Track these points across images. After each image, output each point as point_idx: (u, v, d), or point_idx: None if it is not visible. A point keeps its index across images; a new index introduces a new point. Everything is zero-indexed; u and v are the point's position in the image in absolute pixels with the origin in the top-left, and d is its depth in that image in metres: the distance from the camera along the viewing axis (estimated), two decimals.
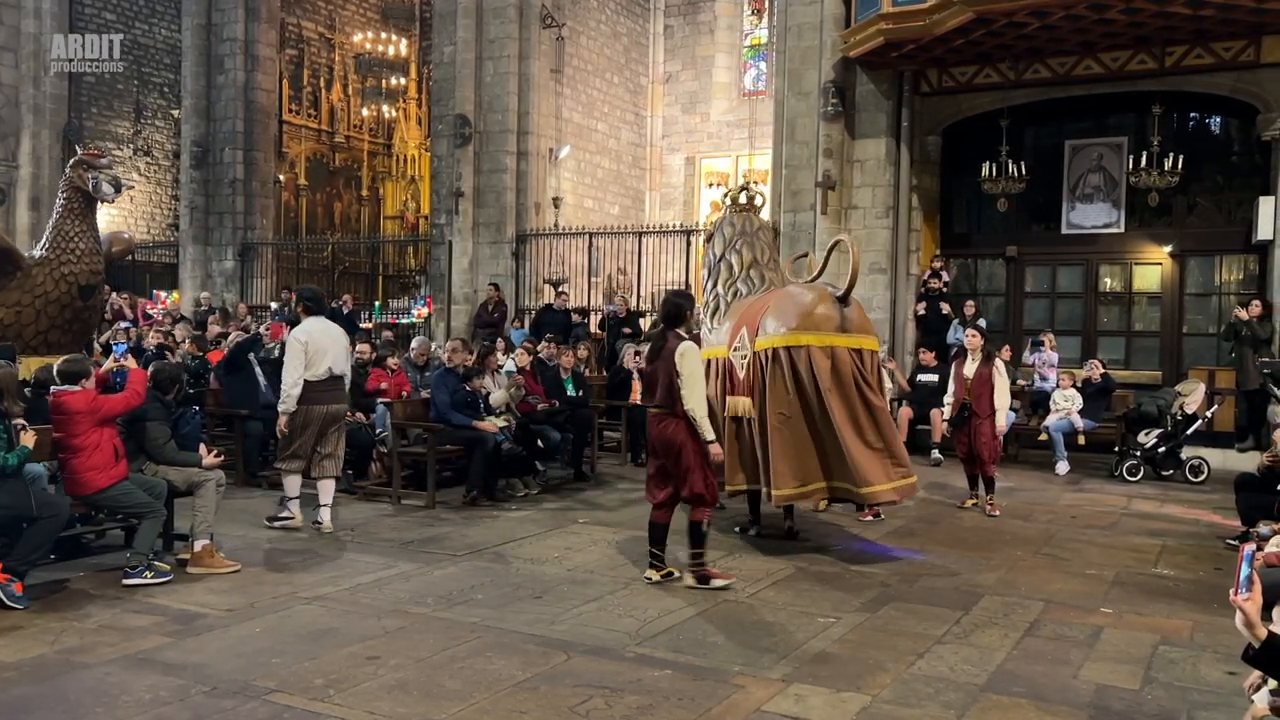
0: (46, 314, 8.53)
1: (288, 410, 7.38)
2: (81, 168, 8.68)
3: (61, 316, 8.60)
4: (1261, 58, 11.40)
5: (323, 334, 7.50)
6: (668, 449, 5.96)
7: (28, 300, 8.47)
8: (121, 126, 21.64)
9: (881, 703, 4.32)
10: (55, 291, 8.52)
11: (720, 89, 22.07)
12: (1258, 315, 10.94)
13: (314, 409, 7.40)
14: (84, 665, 4.61)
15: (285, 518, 7.53)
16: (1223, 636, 5.29)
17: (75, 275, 8.58)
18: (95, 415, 5.94)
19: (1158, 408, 10.56)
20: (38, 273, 8.52)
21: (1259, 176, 12.17)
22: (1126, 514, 8.75)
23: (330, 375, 7.47)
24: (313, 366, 7.35)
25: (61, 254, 8.56)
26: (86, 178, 8.61)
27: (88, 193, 8.65)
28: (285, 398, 7.38)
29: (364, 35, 22.53)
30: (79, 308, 8.70)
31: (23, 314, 8.48)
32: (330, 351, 7.46)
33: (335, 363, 7.50)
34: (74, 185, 8.67)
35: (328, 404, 7.48)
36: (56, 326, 8.59)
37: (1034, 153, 13.26)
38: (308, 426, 7.43)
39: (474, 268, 16.85)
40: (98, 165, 8.72)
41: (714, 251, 8.09)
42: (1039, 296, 13.79)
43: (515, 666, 4.64)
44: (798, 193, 13.53)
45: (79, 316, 8.78)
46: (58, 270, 8.53)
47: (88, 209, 8.73)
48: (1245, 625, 2.84)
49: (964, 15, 11.06)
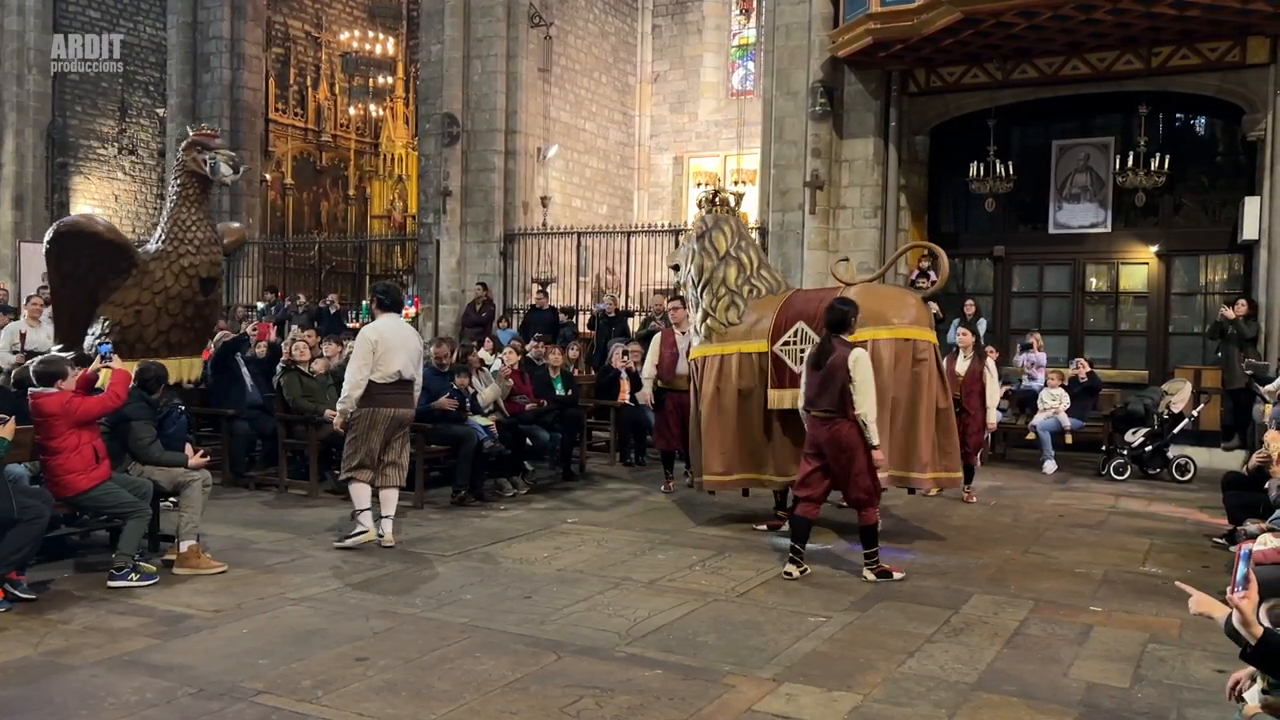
0: (167, 312, 7.84)
1: (345, 411, 6.94)
2: (195, 149, 7.97)
3: (183, 313, 7.92)
4: (1247, 58, 11.46)
5: (394, 334, 6.98)
6: (838, 451, 6.21)
7: (147, 298, 7.77)
8: (106, 125, 21.48)
9: (873, 702, 4.31)
10: (175, 286, 7.82)
11: (708, 88, 22.08)
12: (1243, 314, 11.00)
13: (380, 412, 6.90)
14: (69, 667, 4.56)
15: (359, 533, 6.93)
16: (1211, 635, 5.30)
17: (195, 267, 7.87)
18: (70, 418, 5.83)
19: (1144, 407, 10.61)
20: (155, 267, 7.80)
21: (1244, 177, 12.23)
22: (1114, 513, 8.78)
23: (400, 379, 6.95)
24: (381, 367, 6.85)
25: (179, 245, 7.86)
26: (202, 160, 7.91)
27: (203, 176, 7.96)
28: (345, 397, 6.92)
29: (351, 34, 22.44)
30: (200, 303, 8.01)
31: (142, 313, 7.78)
32: (401, 353, 6.94)
33: (405, 365, 6.97)
34: (188, 169, 7.98)
35: (395, 408, 6.96)
36: (178, 325, 7.94)
37: (1021, 153, 13.31)
38: (373, 430, 6.91)
39: (462, 267, 16.81)
40: (212, 145, 8.03)
41: (714, 249, 7.92)
42: (1026, 296, 13.83)
43: (505, 667, 4.62)
44: (786, 192, 13.54)
45: (200, 313, 8.10)
46: (176, 263, 7.82)
47: (203, 195, 8.09)
48: (1241, 624, 2.85)
49: (952, 15, 11.09)
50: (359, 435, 6.92)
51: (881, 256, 13.11)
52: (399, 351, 6.91)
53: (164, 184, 20.40)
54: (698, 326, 7.99)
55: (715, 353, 7.77)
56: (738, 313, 7.77)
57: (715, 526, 7.85)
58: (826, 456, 6.26)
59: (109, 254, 7.70)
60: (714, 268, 7.89)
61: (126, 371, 6.29)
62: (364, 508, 6.98)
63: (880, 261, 13.03)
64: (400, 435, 7.11)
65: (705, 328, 7.87)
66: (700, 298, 7.96)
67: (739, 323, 7.74)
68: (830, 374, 6.17)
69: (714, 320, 7.81)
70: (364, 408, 6.88)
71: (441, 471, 9.29)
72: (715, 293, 7.85)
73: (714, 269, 7.90)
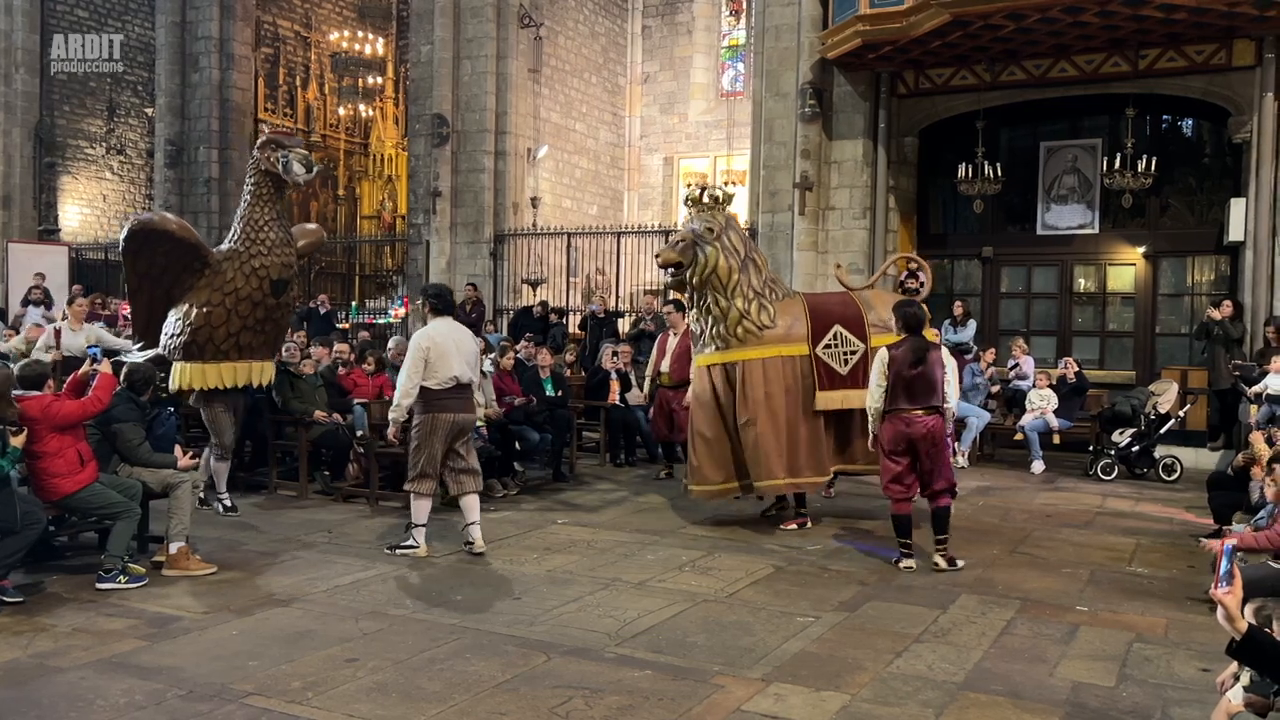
0: (238, 313, 7.67)
1: (397, 420, 6.73)
2: (269, 148, 7.76)
3: (253, 315, 7.74)
4: (1233, 61, 11.54)
5: (447, 337, 6.70)
6: (932, 445, 6.57)
7: (217, 299, 7.61)
8: (94, 125, 21.42)
9: (861, 701, 4.34)
10: (246, 288, 7.63)
11: (698, 90, 22.12)
12: (1229, 315, 11.07)
13: (439, 418, 6.63)
14: (57, 669, 4.56)
15: (409, 546, 6.77)
16: (1196, 634, 5.36)
17: (267, 269, 7.68)
18: (50, 421, 5.79)
19: (1131, 407, 10.66)
20: (227, 268, 7.64)
21: (1230, 178, 12.31)
22: (1101, 512, 8.83)
23: (456, 384, 6.68)
24: (436, 373, 6.58)
25: (251, 245, 7.66)
26: (275, 158, 7.69)
27: (277, 176, 7.73)
28: (395, 405, 6.69)
29: (340, 34, 22.41)
30: (271, 305, 7.82)
31: (213, 314, 7.62)
32: (455, 357, 6.67)
33: (461, 370, 6.70)
34: (261, 168, 7.75)
35: (455, 413, 6.70)
36: (249, 328, 7.76)
37: (1009, 154, 13.37)
38: (433, 438, 6.65)
39: (452, 268, 16.79)
40: (287, 144, 7.82)
41: (735, 249, 7.69)
42: (1014, 297, 13.90)
43: (495, 668, 4.63)
44: (776, 193, 13.57)
45: (271, 315, 7.89)
46: (248, 264, 7.63)
47: (277, 195, 7.86)
48: (1226, 619, 2.88)
49: (941, 17, 11.13)
50: (419, 444, 6.68)
51: (870, 257, 13.16)
52: (453, 355, 6.66)
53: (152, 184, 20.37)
54: (730, 329, 7.63)
55: (755, 356, 7.61)
56: (769, 315, 7.68)
57: (705, 527, 7.87)
58: (919, 451, 6.55)
59: (183, 252, 7.60)
60: (738, 269, 7.65)
61: (111, 376, 6.23)
62: (420, 523, 6.78)
63: (869, 262, 13.10)
64: (465, 441, 6.86)
65: (741, 329, 7.61)
66: (720, 300, 7.62)
67: (772, 325, 7.66)
68: (931, 371, 6.56)
69: (750, 323, 7.61)
70: (422, 415, 6.66)
71: None
72: (745, 295, 7.64)
73: (738, 270, 7.65)
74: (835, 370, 7.68)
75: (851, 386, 7.62)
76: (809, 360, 7.69)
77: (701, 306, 7.74)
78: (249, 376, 7.93)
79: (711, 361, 7.73)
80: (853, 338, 7.73)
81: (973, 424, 11.19)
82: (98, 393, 6.05)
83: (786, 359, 7.68)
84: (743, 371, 7.60)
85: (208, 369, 7.73)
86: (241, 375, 7.87)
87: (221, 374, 7.77)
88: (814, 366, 7.69)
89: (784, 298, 7.94)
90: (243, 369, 7.85)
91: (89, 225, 21.30)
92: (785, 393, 7.64)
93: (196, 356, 7.71)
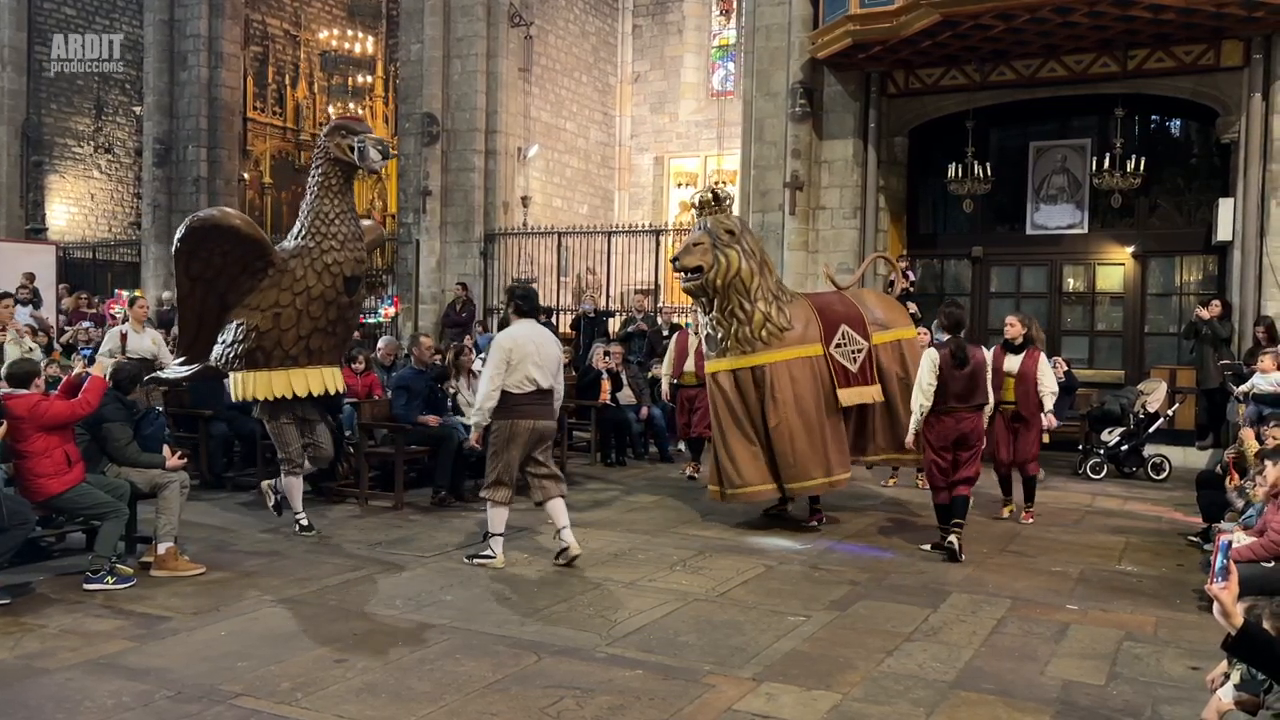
0: (309, 314, 7.08)
1: (480, 425, 6.42)
2: (340, 134, 7.24)
3: (325, 316, 7.17)
4: (1221, 61, 11.58)
5: (529, 340, 6.41)
6: (976, 439, 7.08)
7: (287, 300, 7.01)
8: (82, 123, 21.32)
9: (852, 700, 4.34)
10: (318, 286, 7.06)
11: (689, 89, 22.10)
12: (1217, 315, 11.10)
13: (518, 424, 6.36)
14: (44, 671, 4.52)
15: (486, 556, 6.50)
16: (1186, 632, 5.38)
17: (339, 265, 7.11)
18: (37, 421, 5.74)
19: (1120, 406, 10.70)
20: (296, 265, 7.03)
21: (1218, 178, 12.35)
22: (1090, 511, 8.86)
23: (536, 388, 6.40)
24: (515, 377, 6.32)
25: (322, 240, 7.09)
26: (346, 145, 7.15)
27: (347, 165, 7.22)
28: (478, 409, 6.42)
29: (330, 32, 22.34)
30: (344, 304, 7.29)
31: (282, 316, 7.03)
32: (535, 360, 6.38)
33: (542, 374, 6.41)
34: (331, 157, 7.20)
35: (535, 419, 6.41)
36: (320, 329, 7.18)
37: (999, 154, 13.38)
38: (512, 444, 6.38)
39: (442, 267, 16.76)
40: (358, 129, 7.30)
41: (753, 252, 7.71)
42: (1004, 297, 13.91)
43: (485, 668, 4.62)
44: (766, 193, 13.58)
45: (343, 316, 7.38)
46: (319, 260, 7.06)
47: (346, 186, 7.34)
48: (1222, 614, 2.87)
49: (931, 17, 11.14)
50: (496, 450, 6.43)
51: (861, 257, 13.15)
52: (534, 359, 6.39)
53: (141, 183, 20.26)
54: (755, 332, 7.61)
55: (780, 358, 7.63)
56: (786, 318, 7.72)
57: (695, 527, 7.87)
58: (962, 446, 6.98)
59: (245, 251, 6.96)
60: (758, 272, 7.66)
61: (102, 379, 6.15)
62: (498, 532, 6.53)
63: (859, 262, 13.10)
64: (545, 448, 6.58)
65: (766, 332, 7.61)
66: (744, 303, 7.59)
67: (790, 327, 7.71)
68: (978, 370, 6.98)
69: (773, 325, 7.63)
70: (500, 420, 6.39)
71: (418, 472, 9.25)
72: (766, 298, 7.67)
73: (759, 273, 7.66)
74: (848, 368, 7.87)
75: (861, 383, 7.91)
76: (825, 360, 7.80)
77: (725, 310, 7.62)
78: (321, 383, 7.33)
79: (737, 366, 7.67)
80: (857, 336, 7.96)
81: None
82: (87, 395, 5.98)
83: (806, 360, 7.76)
84: (770, 374, 7.58)
85: (275, 377, 7.12)
86: (314, 382, 7.27)
87: (291, 381, 7.15)
88: (829, 365, 7.80)
89: (791, 300, 8.00)
90: (314, 375, 7.26)
91: (76, 224, 21.20)
92: (812, 393, 7.69)
93: (263, 364, 7.10)
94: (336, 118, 7.44)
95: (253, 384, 7.14)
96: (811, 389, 7.68)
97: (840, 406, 7.80)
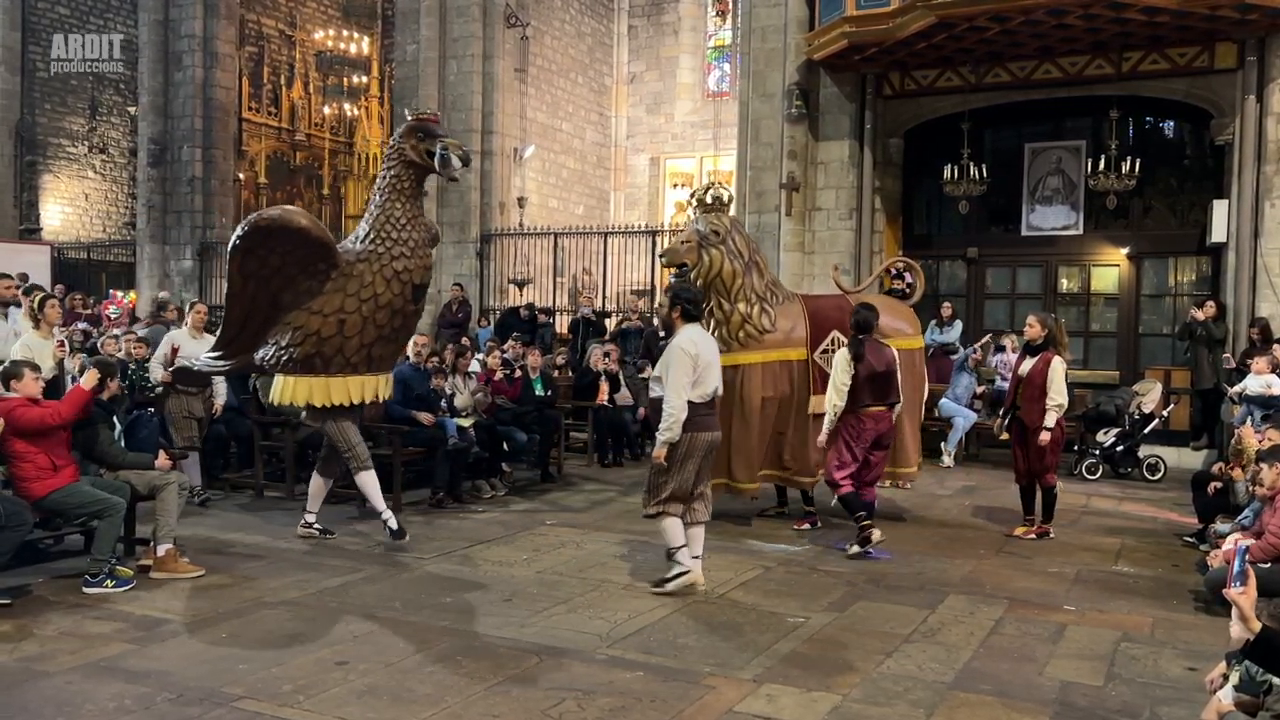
0: (374, 322, 6.81)
1: (672, 440, 5.81)
2: (416, 136, 6.87)
3: (390, 324, 6.90)
4: (1215, 63, 11.61)
5: (707, 347, 6.02)
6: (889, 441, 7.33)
7: (353, 305, 6.73)
8: (76, 124, 21.28)
9: (851, 702, 4.35)
10: (386, 294, 6.77)
11: (684, 90, 22.14)
12: (1212, 316, 11.15)
13: (699, 438, 5.90)
14: (44, 674, 4.52)
15: (680, 574, 5.97)
16: (1182, 633, 5.40)
17: (409, 272, 6.84)
18: (12, 426, 5.70)
19: (1115, 407, 10.74)
20: (364, 270, 6.75)
21: (1212, 180, 12.40)
22: (1086, 512, 8.89)
23: (714, 397, 6.06)
24: (700, 385, 5.84)
25: (393, 246, 6.80)
26: (424, 150, 6.81)
27: (421, 168, 6.91)
28: (669, 426, 5.77)
29: (325, 33, 22.32)
30: (409, 313, 7.06)
31: (347, 323, 6.74)
32: (715, 368, 6.00)
33: (719, 382, 6.07)
34: (405, 159, 6.89)
35: (712, 430, 6.01)
36: (384, 337, 6.94)
37: (994, 155, 13.42)
38: (689, 459, 5.92)
39: (438, 267, 16.64)
40: (438, 132, 6.93)
41: (740, 253, 7.73)
42: (999, 298, 13.95)
43: (486, 670, 4.63)
44: (762, 194, 13.59)
45: (407, 324, 7.18)
46: (388, 266, 6.77)
47: (418, 190, 7.04)
48: (1240, 619, 2.87)
49: (926, 19, 11.17)
50: (670, 465, 5.92)
51: (856, 258, 13.20)
52: (714, 366, 6.01)
53: (135, 183, 20.22)
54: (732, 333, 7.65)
55: (755, 360, 7.66)
56: (770, 319, 7.72)
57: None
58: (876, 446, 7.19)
59: (308, 252, 6.64)
60: (742, 273, 7.68)
61: (84, 390, 6.00)
62: (679, 544, 6.01)
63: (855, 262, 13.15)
64: (708, 462, 6.13)
65: (743, 333, 7.66)
66: (723, 303, 7.65)
67: (772, 329, 7.71)
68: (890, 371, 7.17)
69: (751, 327, 7.67)
70: (682, 433, 5.88)
71: (416, 474, 9.24)
72: (748, 299, 7.68)
73: (743, 274, 7.68)
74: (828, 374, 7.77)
75: None
76: (806, 365, 7.77)
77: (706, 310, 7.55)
78: (374, 390, 7.12)
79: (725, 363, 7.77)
80: None
81: (959, 424, 11.26)
82: (60, 406, 5.87)
83: (784, 364, 7.76)
84: (742, 376, 7.62)
85: (332, 383, 6.87)
86: (369, 390, 7.05)
87: (348, 388, 6.91)
88: (810, 371, 7.77)
89: (784, 301, 7.98)
90: (370, 383, 7.02)
91: (70, 224, 21.15)
92: (780, 399, 7.70)
93: (321, 369, 6.83)
94: (413, 118, 7.05)
95: (306, 389, 6.88)
96: (783, 394, 7.71)
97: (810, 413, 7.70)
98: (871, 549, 6.97)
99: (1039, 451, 7.60)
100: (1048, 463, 7.68)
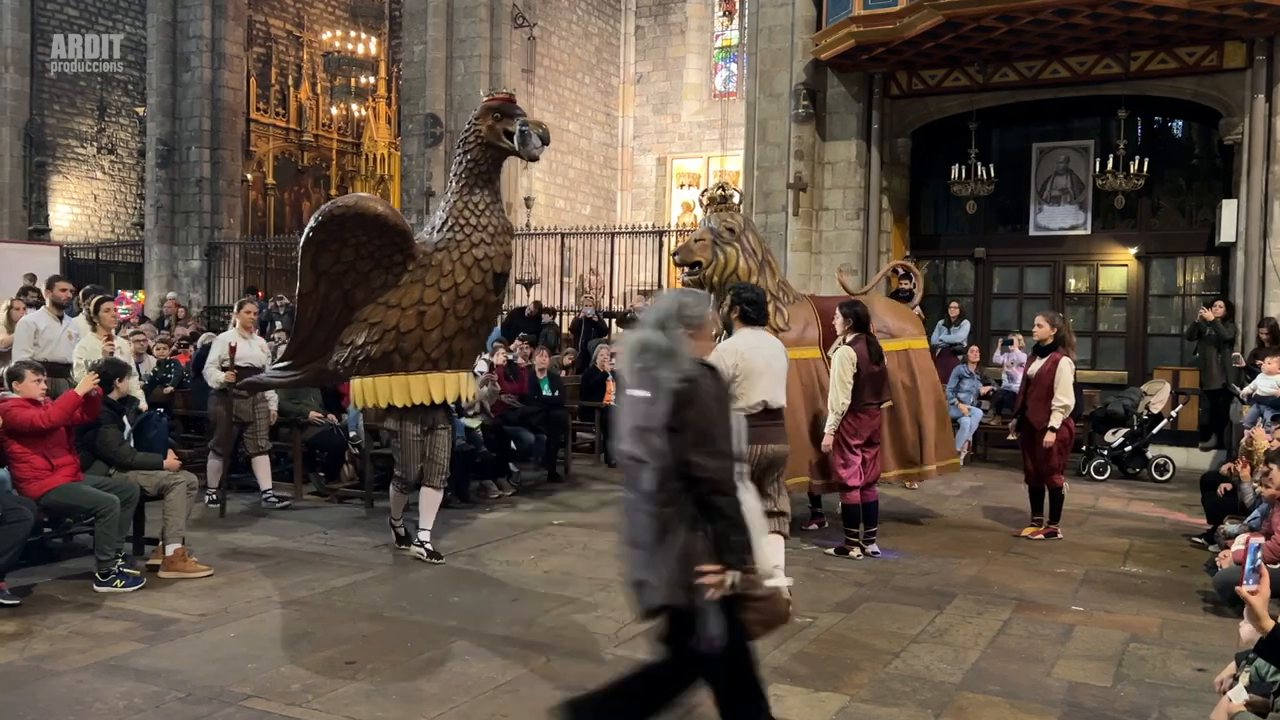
0: (455, 314, 6.45)
1: None
2: (494, 117, 6.47)
3: (471, 316, 6.54)
4: (1223, 63, 11.59)
5: (757, 352, 5.49)
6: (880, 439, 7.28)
7: (432, 297, 6.38)
8: (85, 124, 21.35)
9: (859, 702, 4.35)
10: (467, 283, 6.42)
11: (691, 90, 22.13)
12: (1221, 316, 11.13)
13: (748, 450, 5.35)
14: (54, 673, 4.54)
15: None
16: (1191, 633, 5.39)
17: (490, 259, 6.49)
18: (7, 426, 5.71)
19: (1124, 407, 10.72)
20: (443, 260, 6.41)
21: (1220, 180, 12.37)
22: (1094, 512, 8.87)
23: (765, 409, 5.47)
24: (742, 396, 5.32)
25: (472, 233, 6.46)
26: (503, 130, 6.44)
27: (500, 150, 6.55)
28: None
29: (333, 33, 22.36)
30: (491, 303, 6.69)
31: (426, 315, 6.40)
32: (765, 378, 5.46)
33: (773, 393, 5.50)
34: (484, 141, 6.51)
35: (764, 444, 5.43)
36: (465, 330, 6.56)
37: (1002, 155, 13.40)
38: None
39: None
40: (517, 114, 6.52)
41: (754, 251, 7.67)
42: (1007, 298, 13.93)
43: (494, 669, 4.63)
44: (769, 194, 13.59)
45: (488, 316, 6.83)
46: (469, 254, 6.42)
47: (495, 173, 6.70)
48: (1253, 617, 2.86)
49: (933, 19, 11.16)
50: None
51: (864, 258, 13.20)
52: (763, 376, 5.48)
53: (144, 184, 20.28)
54: None
55: None
56: (783, 319, 7.65)
57: None
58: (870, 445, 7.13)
59: (384, 243, 6.29)
60: (756, 271, 7.58)
61: (75, 395, 5.97)
62: None
63: (862, 263, 13.14)
64: (775, 476, 5.74)
65: None
66: None
67: (786, 329, 7.63)
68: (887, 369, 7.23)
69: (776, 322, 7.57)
70: None
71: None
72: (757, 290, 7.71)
73: (757, 273, 7.58)
74: None
75: None
76: (822, 363, 7.73)
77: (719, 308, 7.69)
78: (457, 389, 6.70)
79: None
80: None
81: (965, 424, 11.23)
82: (51, 410, 5.85)
83: (800, 362, 7.62)
84: None
85: (412, 381, 6.50)
86: (450, 388, 6.63)
87: (429, 386, 6.52)
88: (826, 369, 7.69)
89: (794, 301, 7.96)
90: (451, 380, 6.62)
91: (79, 225, 21.23)
92: (802, 398, 7.67)
93: (399, 367, 6.47)
94: (487, 98, 6.69)
95: (386, 390, 6.51)
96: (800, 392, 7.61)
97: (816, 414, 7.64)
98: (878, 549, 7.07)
99: (1044, 452, 7.59)
100: (1055, 463, 7.67)
